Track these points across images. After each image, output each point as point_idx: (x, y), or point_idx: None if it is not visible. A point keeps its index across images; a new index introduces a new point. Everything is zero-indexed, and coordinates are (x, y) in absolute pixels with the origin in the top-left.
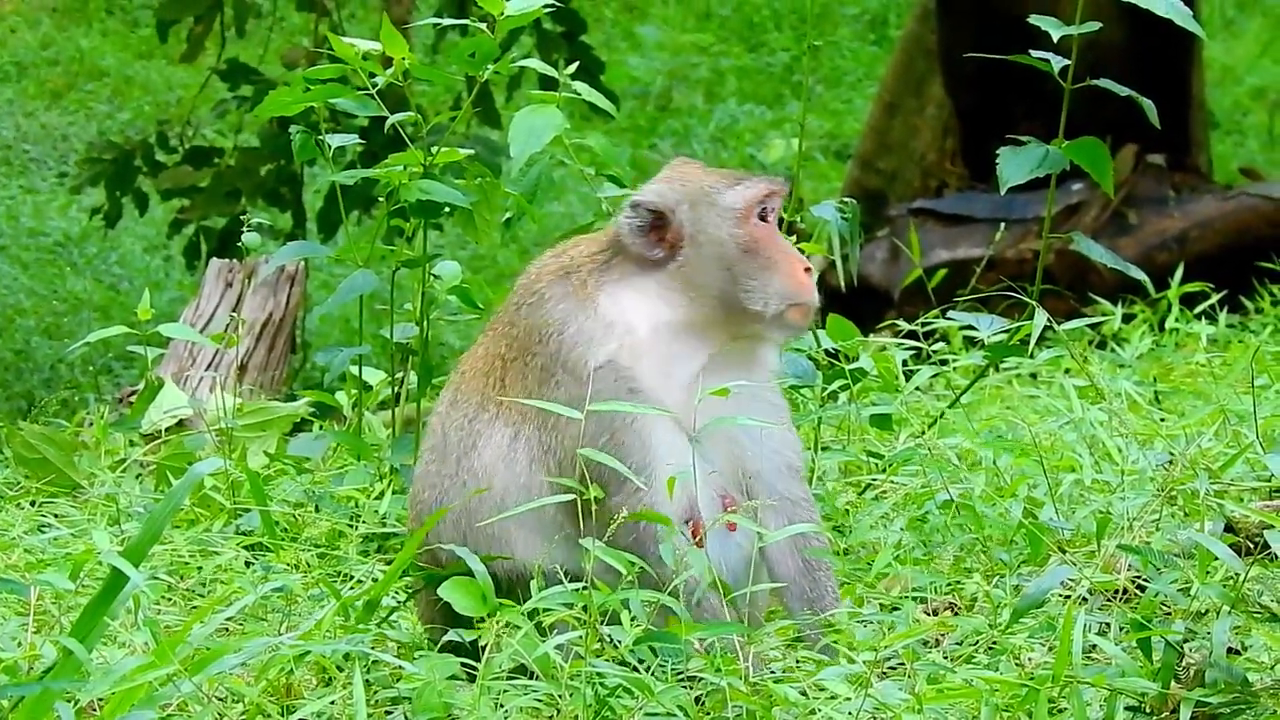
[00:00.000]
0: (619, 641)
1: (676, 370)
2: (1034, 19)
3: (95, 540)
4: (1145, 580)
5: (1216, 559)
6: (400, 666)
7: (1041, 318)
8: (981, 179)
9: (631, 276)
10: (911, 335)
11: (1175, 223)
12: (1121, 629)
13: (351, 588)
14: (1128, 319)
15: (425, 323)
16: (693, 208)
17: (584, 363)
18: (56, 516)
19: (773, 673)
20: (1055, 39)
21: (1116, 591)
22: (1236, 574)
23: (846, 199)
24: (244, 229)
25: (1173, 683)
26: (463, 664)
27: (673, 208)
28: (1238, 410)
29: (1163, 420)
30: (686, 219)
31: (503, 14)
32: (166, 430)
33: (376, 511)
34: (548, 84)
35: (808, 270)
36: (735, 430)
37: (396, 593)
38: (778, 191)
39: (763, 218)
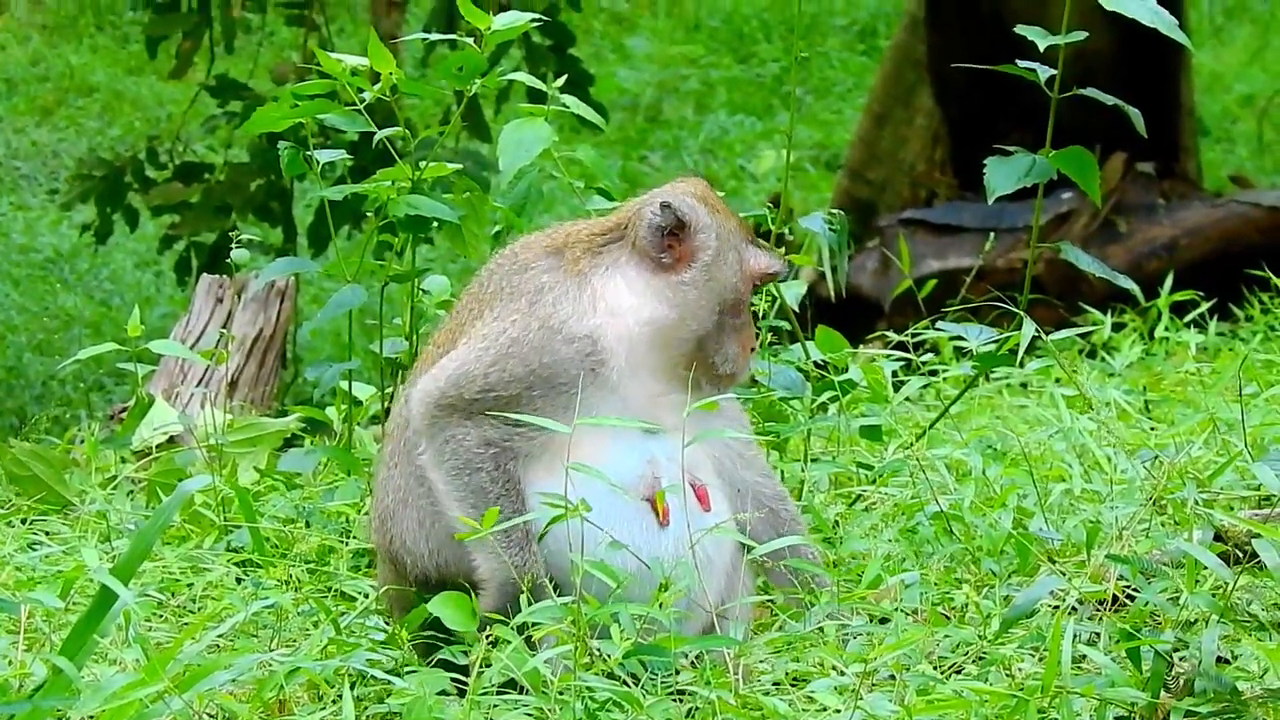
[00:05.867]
0: (608, 655)
1: (644, 370)
2: (1021, 28)
3: (86, 557)
4: (1134, 590)
5: (1205, 568)
6: (390, 682)
7: (1030, 328)
8: (971, 188)
9: (626, 266)
10: (901, 346)
11: (1165, 230)
12: (1111, 639)
13: (336, 604)
14: (1117, 328)
15: (415, 337)
16: (719, 239)
17: (564, 325)
18: (47, 534)
19: (761, 685)
20: (1042, 48)
21: (1106, 601)
22: (1225, 583)
23: (836, 210)
24: (234, 244)
25: (1162, 692)
26: (453, 679)
27: (702, 228)
28: (1227, 419)
29: (1152, 429)
30: (711, 246)
31: (490, 28)
32: (157, 447)
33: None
34: (536, 97)
35: (752, 350)
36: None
37: (387, 609)
38: (779, 275)
39: (755, 288)
